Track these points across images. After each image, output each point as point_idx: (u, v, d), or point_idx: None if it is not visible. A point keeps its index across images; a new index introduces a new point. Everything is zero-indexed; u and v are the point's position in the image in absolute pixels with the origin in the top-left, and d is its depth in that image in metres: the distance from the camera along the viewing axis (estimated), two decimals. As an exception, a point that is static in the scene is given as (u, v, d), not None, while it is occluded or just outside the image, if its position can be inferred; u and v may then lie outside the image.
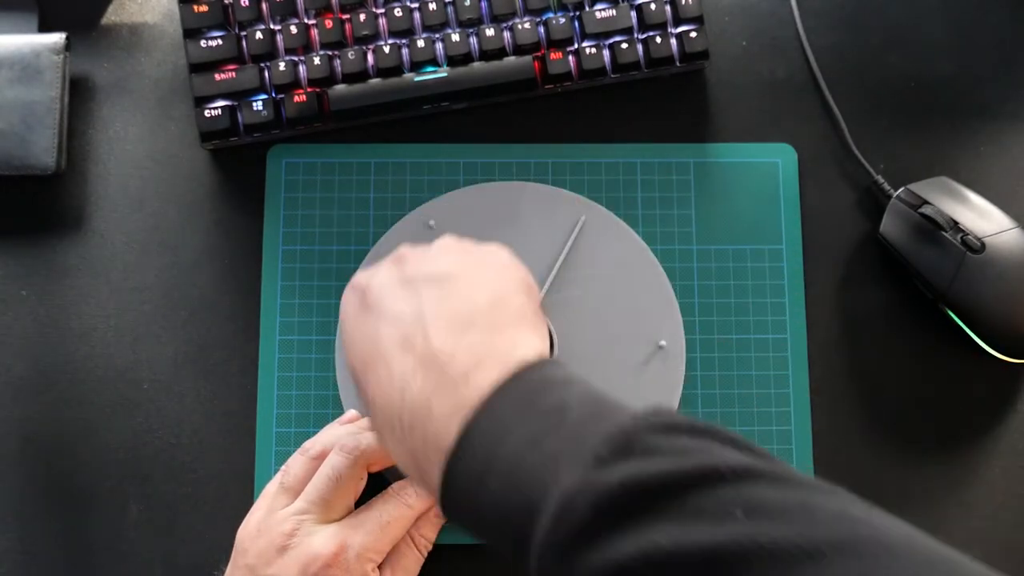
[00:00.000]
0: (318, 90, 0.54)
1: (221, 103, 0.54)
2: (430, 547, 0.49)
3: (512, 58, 0.55)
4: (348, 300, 0.41)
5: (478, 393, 0.33)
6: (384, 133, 0.56)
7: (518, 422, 0.32)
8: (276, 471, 0.50)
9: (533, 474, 0.30)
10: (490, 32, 0.54)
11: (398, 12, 0.54)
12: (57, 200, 0.55)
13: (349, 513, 0.46)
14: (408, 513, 0.46)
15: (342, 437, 0.47)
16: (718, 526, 0.27)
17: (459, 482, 0.32)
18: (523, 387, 0.33)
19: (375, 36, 0.54)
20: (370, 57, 0.54)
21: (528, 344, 0.36)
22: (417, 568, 0.48)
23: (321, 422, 0.52)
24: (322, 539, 0.44)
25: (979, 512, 0.52)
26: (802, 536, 0.26)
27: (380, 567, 0.46)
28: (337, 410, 0.52)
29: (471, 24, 0.55)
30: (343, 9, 0.55)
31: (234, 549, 0.46)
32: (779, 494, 0.28)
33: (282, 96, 0.54)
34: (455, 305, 0.37)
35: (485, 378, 0.33)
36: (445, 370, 0.34)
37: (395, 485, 0.48)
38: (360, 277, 0.41)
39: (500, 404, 0.33)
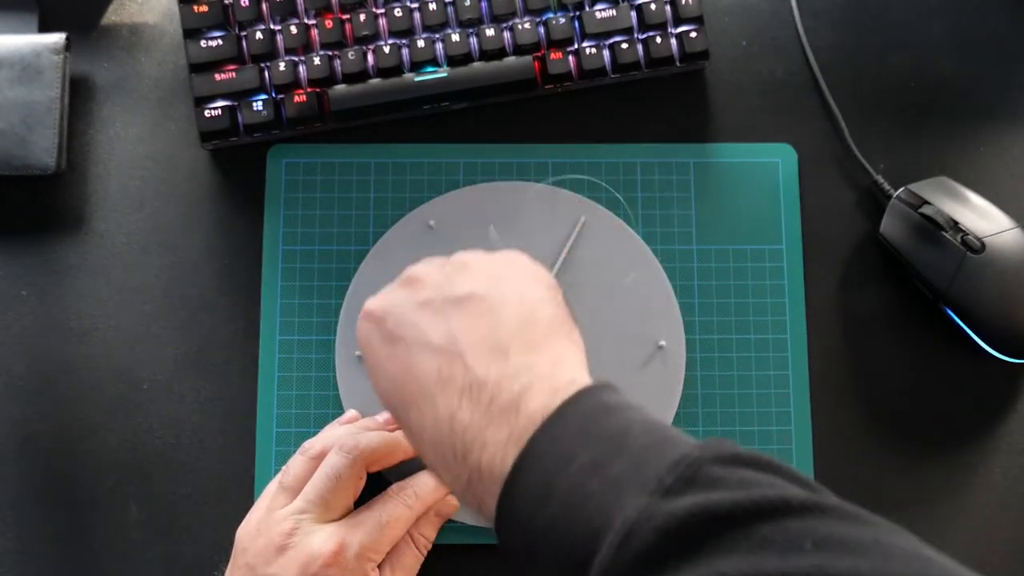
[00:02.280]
0: (318, 90, 0.54)
1: (221, 103, 0.54)
2: (430, 547, 0.49)
3: (512, 58, 0.55)
4: (367, 331, 0.39)
5: (532, 420, 0.32)
6: (384, 133, 0.56)
7: (578, 448, 0.31)
8: (276, 471, 0.50)
9: (595, 500, 0.30)
10: (490, 32, 0.54)
11: (398, 12, 0.54)
12: (57, 200, 0.55)
13: (348, 513, 0.46)
14: (408, 513, 0.46)
15: (342, 437, 0.47)
16: (787, 557, 0.26)
17: (517, 508, 0.32)
18: (580, 413, 0.33)
19: (375, 36, 0.54)
20: (370, 57, 0.54)
21: (570, 360, 0.36)
22: (417, 567, 0.48)
23: (321, 422, 0.52)
24: (321, 538, 0.44)
25: (979, 512, 0.52)
26: (875, 570, 0.26)
27: (380, 567, 0.46)
28: (337, 410, 0.52)
29: (471, 24, 0.55)
30: (343, 9, 0.55)
31: (234, 548, 0.46)
32: (849, 529, 0.28)
33: (282, 96, 0.54)
34: (487, 328, 0.36)
35: (537, 405, 0.33)
36: (494, 399, 0.34)
37: (395, 485, 0.48)
38: (374, 305, 0.39)
39: (557, 430, 0.32)
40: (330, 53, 0.54)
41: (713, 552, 0.27)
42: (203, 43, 0.54)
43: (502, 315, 0.36)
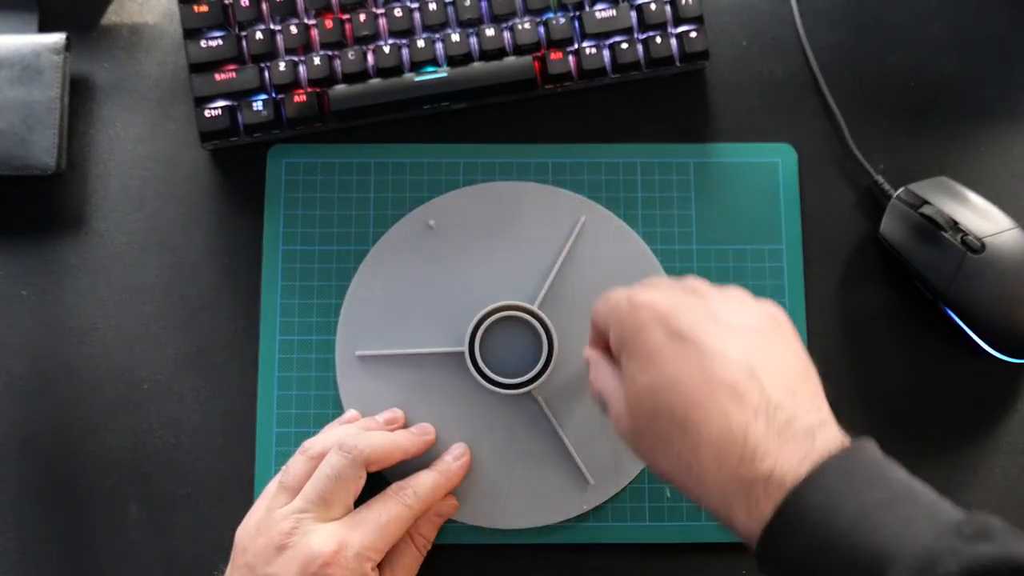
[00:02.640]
0: (318, 90, 0.54)
1: (221, 103, 0.54)
2: (429, 547, 0.49)
3: (512, 58, 0.55)
4: (647, 321, 0.39)
5: (826, 449, 0.35)
6: (384, 133, 0.56)
7: (869, 485, 0.34)
8: (276, 471, 0.50)
9: (888, 528, 0.32)
10: (490, 32, 0.54)
11: (398, 12, 0.54)
12: (57, 200, 0.55)
13: (348, 513, 0.46)
14: (407, 513, 0.46)
15: (342, 437, 0.47)
16: None
17: (803, 516, 0.33)
18: (867, 459, 0.35)
19: (375, 36, 0.54)
20: (370, 57, 0.54)
21: (830, 413, 0.38)
22: (416, 567, 0.48)
23: (321, 422, 0.52)
24: (321, 538, 0.44)
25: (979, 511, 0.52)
26: None
27: (380, 567, 0.46)
28: (337, 410, 0.52)
29: (471, 24, 0.55)
30: (343, 9, 0.55)
31: (234, 548, 0.46)
32: None
33: (282, 96, 0.54)
34: (779, 364, 0.38)
35: (828, 440, 0.35)
36: (791, 423, 0.35)
37: (395, 485, 0.48)
38: (656, 299, 0.40)
39: (849, 464, 0.34)
40: (330, 53, 0.54)
41: None
42: (203, 43, 0.54)
43: (789, 359, 0.38)
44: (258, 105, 0.54)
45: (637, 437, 0.39)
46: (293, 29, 0.54)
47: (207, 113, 0.54)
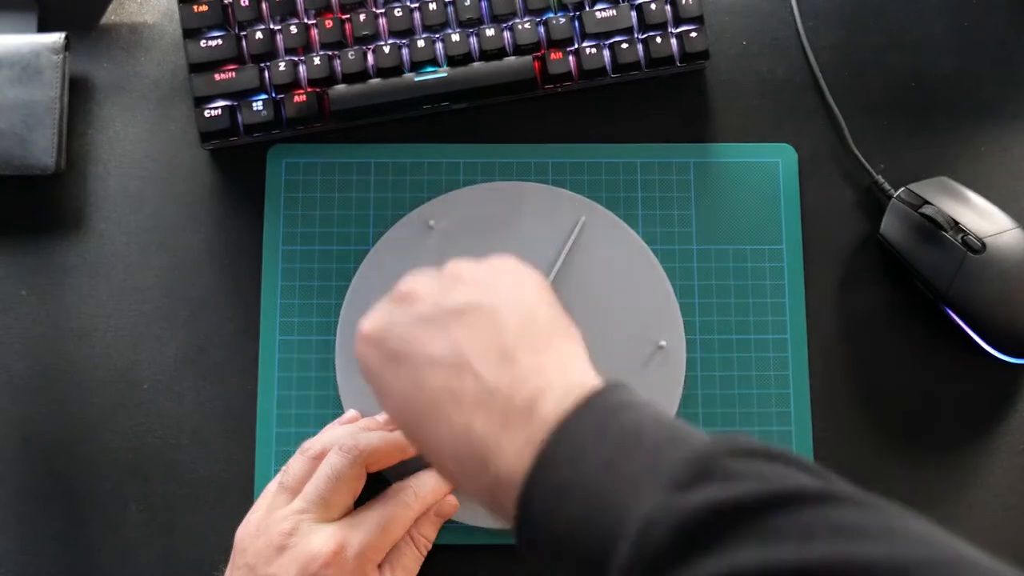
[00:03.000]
0: (318, 90, 0.54)
1: (221, 103, 0.54)
2: (429, 547, 0.49)
3: (512, 58, 0.55)
4: (366, 354, 0.39)
5: (546, 423, 0.33)
6: (384, 133, 0.56)
7: (592, 447, 0.32)
8: (276, 471, 0.50)
9: (610, 499, 0.30)
10: (490, 32, 0.54)
11: (398, 12, 0.54)
12: (57, 200, 0.55)
13: (348, 513, 0.46)
14: (408, 513, 0.46)
15: (342, 437, 0.47)
16: (803, 546, 0.27)
17: (536, 510, 0.32)
18: (593, 412, 0.33)
19: (375, 36, 0.54)
20: (370, 57, 0.54)
21: (577, 360, 0.36)
22: (416, 568, 0.48)
23: (321, 422, 0.52)
24: (321, 538, 0.44)
25: (980, 511, 0.52)
26: (889, 555, 0.26)
27: (380, 567, 0.46)
28: (337, 410, 0.52)
29: (471, 24, 0.55)
30: (343, 9, 0.55)
31: (234, 548, 0.46)
32: (863, 516, 0.28)
33: (282, 96, 0.54)
34: (490, 336, 0.36)
35: (550, 407, 0.33)
36: (507, 405, 0.34)
37: (395, 485, 0.48)
38: (369, 326, 0.39)
39: (572, 431, 0.33)
40: (330, 53, 0.54)
41: (729, 545, 0.28)
42: (203, 43, 0.54)
43: (503, 321, 0.37)
44: (258, 105, 0.54)
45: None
46: (293, 29, 0.54)
47: (207, 113, 0.54)
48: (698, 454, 0.30)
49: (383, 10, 0.55)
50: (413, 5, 0.55)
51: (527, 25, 0.55)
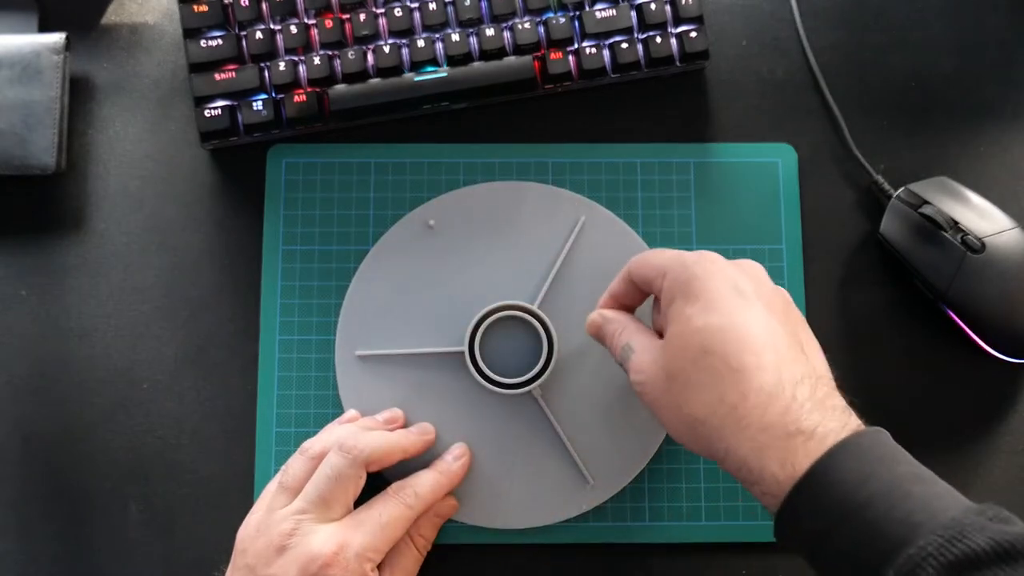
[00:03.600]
0: (318, 90, 0.54)
1: (221, 103, 0.54)
2: (429, 547, 0.49)
3: (512, 58, 0.55)
4: (718, 275, 0.41)
5: (859, 425, 0.38)
6: (384, 133, 0.56)
7: (894, 461, 0.36)
8: (276, 471, 0.50)
9: (917, 500, 0.35)
10: (490, 32, 0.54)
11: (398, 12, 0.54)
12: (57, 200, 0.55)
13: (348, 513, 0.46)
14: (407, 513, 0.46)
15: (342, 437, 0.47)
16: None
17: (837, 475, 0.36)
18: (890, 440, 0.38)
19: (375, 36, 0.54)
20: (370, 57, 0.54)
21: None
22: (416, 568, 0.48)
23: (321, 422, 0.52)
24: (321, 539, 0.44)
25: (979, 512, 0.52)
26: None
27: (379, 567, 0.46)
28: (337, 410, 0.52)
29: (471, 24, 0.55)
30: (343, 9, 0.55)
31: (234, 549, 0.46)
32: None
33: (282, 96, 0.54)
34: (816, 348, 0.42)
35: (858, 420, 0.39)
36: (830, 396, 0.39)
37: (394, 485, 0.48)
38: (721, 261, 0.42)
39: (878, 440, 0.37)
40: (330, 53, 0.54)
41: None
42: (203, 43, 0.54)
43: (819, 351, 0.42)
44: (258, 105, 0.54)
45: (670, 379, 0.40)
46: (293, 29, 0.54)
47: (207, 113, 0.54)
48: (991, 505, 0.35)
49: (383, 10, 0.55)
50: (413, 5, 0.55)
51: (527, 25, 0.55)
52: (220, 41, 0.54)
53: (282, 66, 0.54)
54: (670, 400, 0.40)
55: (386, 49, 0.54)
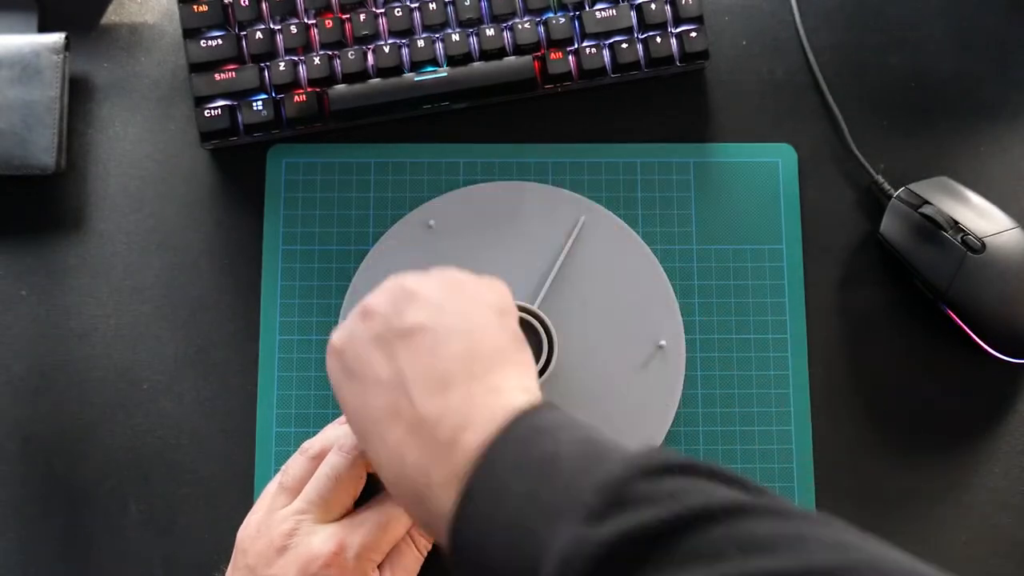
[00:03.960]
0: (318, 90, 0.54)
1: (221, 103, 0.54)
2: (429, 547, 0.49)
3: (512, 58, 0.55)
4: (331, 367, 0.41)
5: (469, 456, 0.33)
6: (384, 133, 0.56)
7: (512, 479, 0.32)
8: (276, 471, 0.50)
9: (529, 537, 0.31)
10: (490, 32, 0.54)
11: (398, 12, 0.54)
12: (57, 200, 0.55)
13: (348, 513, 0.46)
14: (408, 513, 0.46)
15: (342, 437, 0.47)
16: (714, 566, 0.27)
17: (465, 548, 0.32)
18: (512, 441, 0.33)
19: (375, 36, 0.54)
20: (370, 57, 0.54)
21: (511, 385, 0.36)
22: (417, 568, 0.48)
23: (321, 422, 0.52)
24: (321, 539, 0.44)
25: (979, 512, 0.52)
26: (799, 566, 0.26)
27: (380, 567, 0.46)
28: (337, 410, 0.52)
29: (471, 24, 0.55)
30: (343, 9, 0.55)
31: (234, 550, 0.46)
32: (773, 527, 0.28)
33: (282, 96, 0.54)
34: (430, 362, 0.37)
35: (473, 440, 0.34)
36: (434, 435, 0.35)
37: (394, 485, 0.48)
38: (335, 339, 0.41)
39: (494, 463, 0.33)
40: (330, 53, 0.54)
41: (645, 574, 0.28)
42: (203, 43, 0.54)
43: (446, 347, 0.37)
44: (258, 105, 0.54)
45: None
46: (293, 29, 0.54)
47: (207, 113, 0.54)
48: (610, 479, 0.30)
49: (383, 10, 0.55)
50: (413, 5, 0.55)
51: (527, 25, 0.55)
52: (220, 41, 0.54)
53: (282, 66, 0.54)
54: None
55: (386, 49, 0.54)
